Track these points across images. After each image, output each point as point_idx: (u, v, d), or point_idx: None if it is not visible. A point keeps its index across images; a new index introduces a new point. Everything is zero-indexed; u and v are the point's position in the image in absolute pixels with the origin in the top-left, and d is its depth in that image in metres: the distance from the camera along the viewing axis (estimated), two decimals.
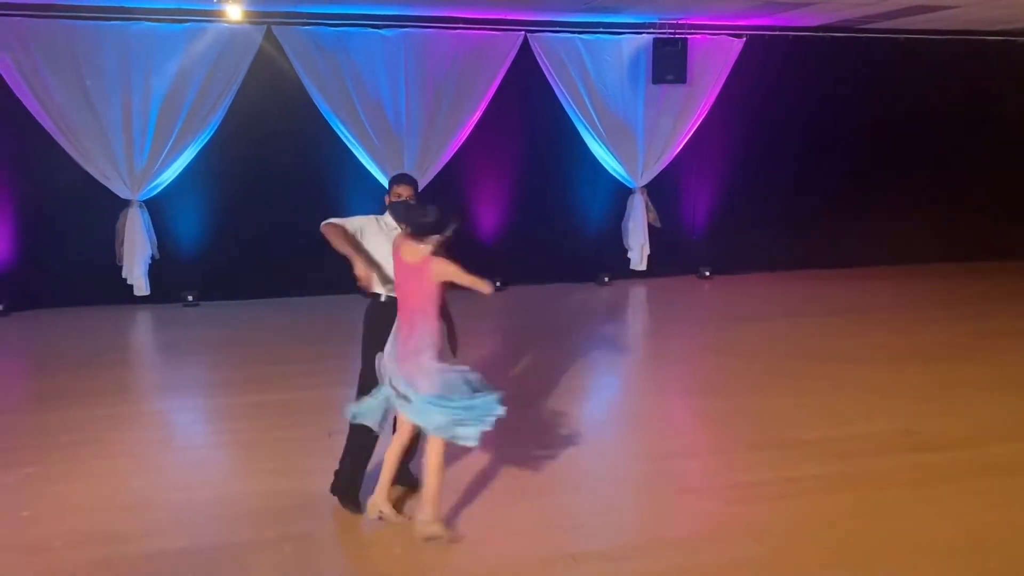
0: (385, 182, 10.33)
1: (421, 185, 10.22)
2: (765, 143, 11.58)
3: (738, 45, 11.14)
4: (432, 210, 4.35)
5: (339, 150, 10.20)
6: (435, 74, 10.24)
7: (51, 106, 9.29)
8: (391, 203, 4.74)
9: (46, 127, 9.33)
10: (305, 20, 9.77)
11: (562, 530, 4.72)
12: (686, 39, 10.74)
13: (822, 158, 11.81)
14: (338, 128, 10.10)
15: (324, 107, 9.99)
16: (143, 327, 9.61)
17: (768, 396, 6.83)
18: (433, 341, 4.38)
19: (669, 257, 11.45)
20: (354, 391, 4.81)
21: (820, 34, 11.26)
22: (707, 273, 11.61)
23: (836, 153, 11.84)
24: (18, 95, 9.19)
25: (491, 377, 7.25)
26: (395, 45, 10.10)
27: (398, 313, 4.47)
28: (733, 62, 11.15)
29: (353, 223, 4.73)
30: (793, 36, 11.26)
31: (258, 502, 4.97)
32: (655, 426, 6.37)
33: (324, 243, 4.67)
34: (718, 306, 10.33)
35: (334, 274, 10.07)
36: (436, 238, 4.34)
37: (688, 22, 10.75)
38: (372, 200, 10.44)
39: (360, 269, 4.54)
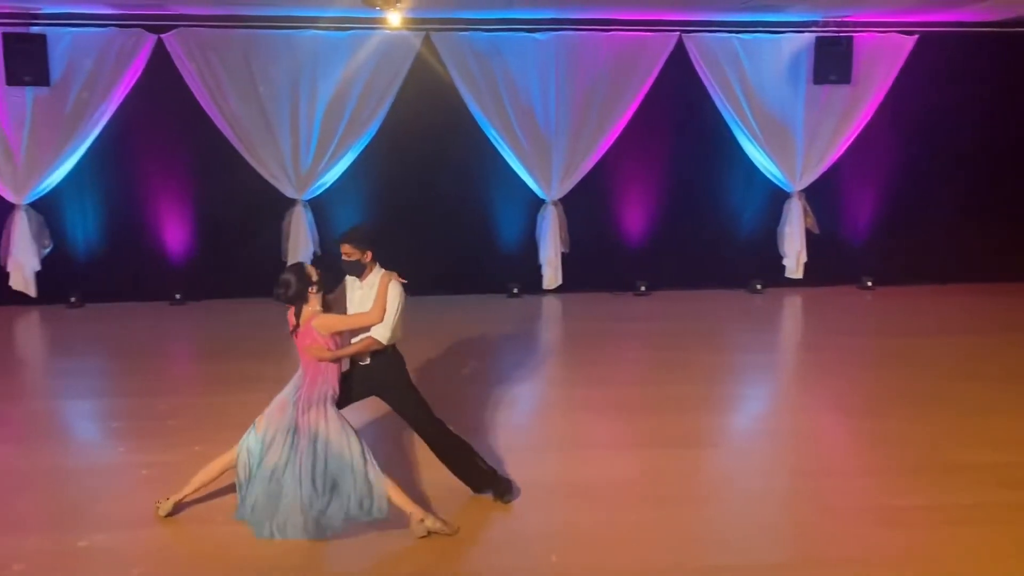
0: (533, 185, 10.49)
1: (567, 187, 10.45)
2: (935, 147, 10.89)
3: (909, 43, 10.52)
4: (290, 279, 4.88)
5: (489, 152, 10.37)
6: (586, 76, 10.23)
7: (227, 111, 9.93)
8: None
9: (222, 130, 9.97)
10: (462, 26, 10.01)
11: (701, 542, 4.65)
12: (851, 37, 10.28)
13: (997, 163, 10.99)
14: (489, 132, 10.28)
15: (476, 111, 10.19)
16: None
17: (927, 417, 6.45)
18: (329, 388, 4.84)
19: (828, 266, 10.96)
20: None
21: (998, 30, 10.47)
22: (869, 284, 11.05)
23: (1013, 158, 10.99)
24: (199, 100, 9.87)
25: (632, 383, 7.33)
26: (547, 48, 10.17)
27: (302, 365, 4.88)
28: (903, 61, 10.56)
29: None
30: (968, 33, 10.54)
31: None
32: (804, 442, 6.15)
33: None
34: (879, 319, 9.80)
35: (496, 274, 10.37)
36: (314, 299, 4.88)
37: (854, 19, 10.28)
38: (518, 202, 10.66)
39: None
